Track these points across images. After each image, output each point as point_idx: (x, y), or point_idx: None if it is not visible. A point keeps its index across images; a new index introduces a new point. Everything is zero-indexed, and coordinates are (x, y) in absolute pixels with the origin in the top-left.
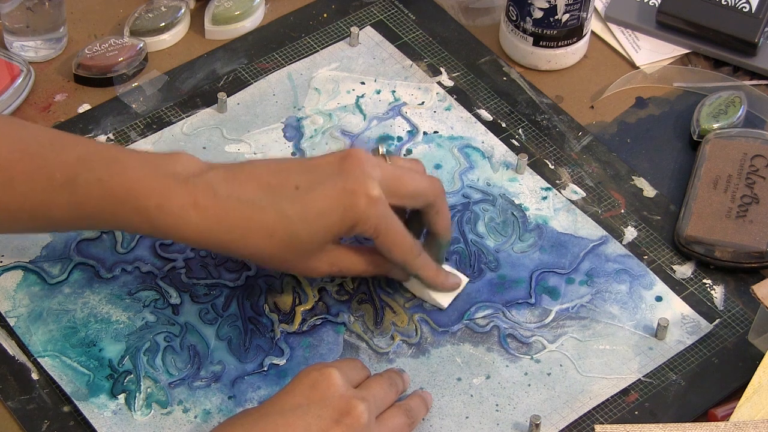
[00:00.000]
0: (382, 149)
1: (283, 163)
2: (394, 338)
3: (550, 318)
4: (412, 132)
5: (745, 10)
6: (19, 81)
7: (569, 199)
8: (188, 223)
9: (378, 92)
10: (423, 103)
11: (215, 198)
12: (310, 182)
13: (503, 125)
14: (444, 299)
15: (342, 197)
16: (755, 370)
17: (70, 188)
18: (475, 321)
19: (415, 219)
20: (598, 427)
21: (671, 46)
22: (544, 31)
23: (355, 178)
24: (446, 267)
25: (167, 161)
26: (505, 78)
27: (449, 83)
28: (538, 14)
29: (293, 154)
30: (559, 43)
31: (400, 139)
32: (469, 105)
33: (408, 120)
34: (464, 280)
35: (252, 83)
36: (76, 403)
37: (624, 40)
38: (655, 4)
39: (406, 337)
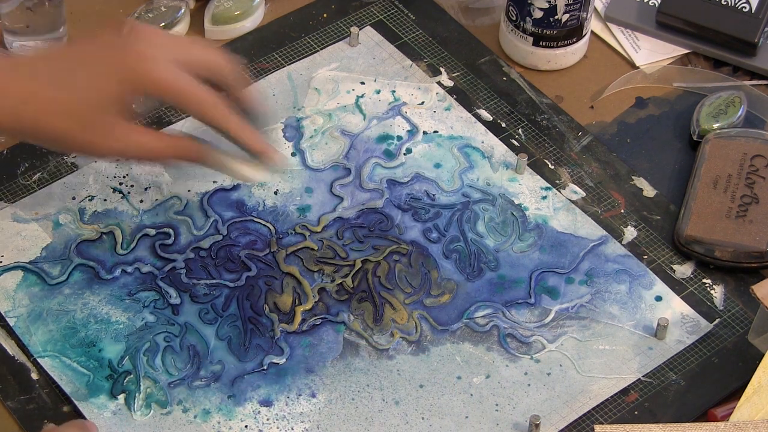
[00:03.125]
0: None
1: (69, 43)
2: (393, 335)
3: (550, 318)
4: (412, 132)
5: (745, 10)
6: None
7: (569, 199)
8: None
9: (378, 92)
10: (423, 103)
11: (12, 77)
12: (88, 52)
13: (503, 125)
14: (262, 175)
15: (116, 58)
16: (755, 370)
17: None
18: (475, 320)
19: None
20: (597, 427)
21: (671, 46)
22: (544, 31)
23: (132, 42)
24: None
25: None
26: (505, 78)
27: (449, 83)
28: (538, 14)
29: (293, 154)
30: (559, 43)
31: (399, 138)
32: (469, 105)
33: (408, 120)
34: (290, 159)
35: (252, 83)
36: (76, 403)
37: (624, 40)
38: (655, 4)
39: (406, 335)
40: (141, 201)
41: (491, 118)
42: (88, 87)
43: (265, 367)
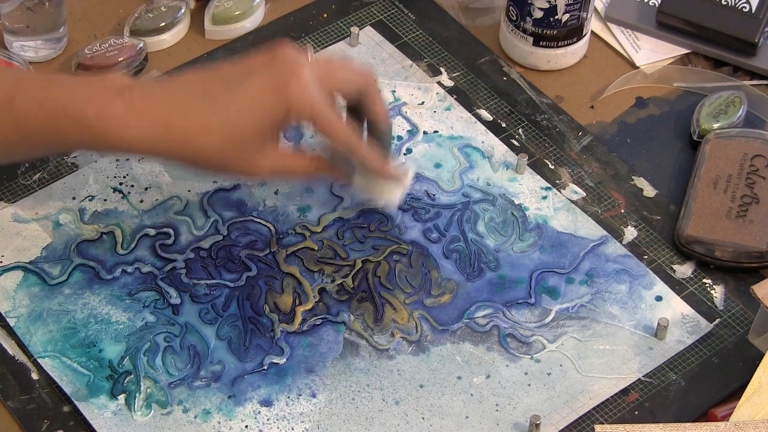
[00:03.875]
0: (309, 50)
1: (214, 67)
2: (394, 335)
3: (550, 318)
4: (412, 131)
5: (745, 10)
6: None
7: (569, 199)
8: (128, 129)
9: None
10: (423, 102)
11: (151, 101)
12: (242, 75)
13: (503, 125)
14: (393, 195)
15: (273, 83)
16: (755, 370)
17: (8, 110)
18: (475, 320)
19: (352, 118)
20: (598, 427)
21: (671, 46)
22: (544, 31)
23: (286, 65)
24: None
25: (101, 77)
26: (505, 78)
27: (449, 83)
28: (538, 14)
29: None
30: (559, 43)
31: (400, 138)
32: (469, 105)
33: (408, 119)
34: (411, 168)
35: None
36: (76, 403)
37: (624, 40)
38: (655, 4)
39: (406, 335)
40: (141, 201)
41: (491, 118)
42: (246, 109)
43: (265, 367)
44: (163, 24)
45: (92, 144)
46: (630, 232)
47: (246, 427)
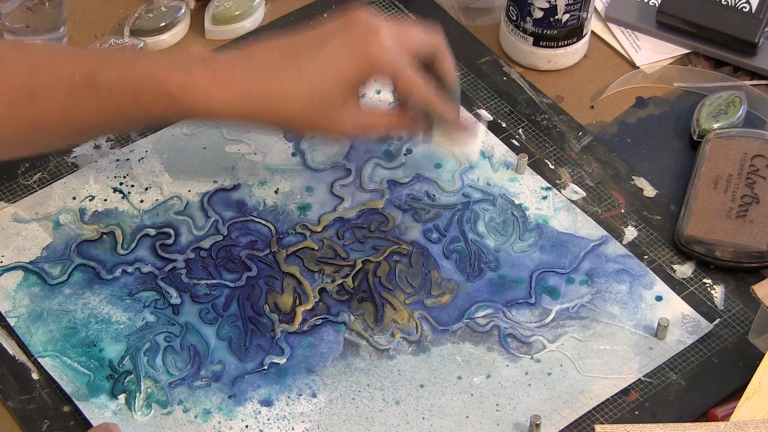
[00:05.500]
0: None
1: (291, 35)
2: (394, 335)
3: (550, 318)
4: None
5: (745, 10)
6: None
7: (569, 199)
8: (213, 99)
9: (378, 92)
10: None
11: (234, 71)
12: (322, 39)
13: (503, 125)
14: (470, 147)
15: (354, 46)
16: (755, 370)
17: (91, 88)
18: (475, 320)
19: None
20: (598, 427)
21: (671, 46)
22: (544, 31)
23: (364, 28)
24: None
25: (181, 50)
26: (505, 78)
27: None
28: (538, 14)
29: (293, 155)
30: (559, 43)
31: (400, 138)
32: (469, 105)
33: None
34: (482, 126)
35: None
36: (77, 403)
37: (624, 40)
38: (655, 4)
39: (407, 335)
40: (141, 201)
41: (491, 118)
42: (328, 72)
43: (265, 367)
44: (163, 24)
45: (177, 114)
46: (630, 232)
47: (246, 426)
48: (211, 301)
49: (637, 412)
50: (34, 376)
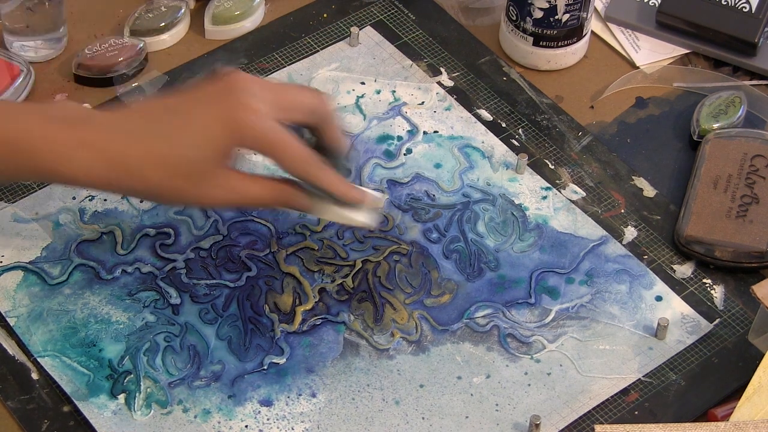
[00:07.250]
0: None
1: (165, 95)
2: (394, 335)
3: (550, 318)
4: (412, 132)
5: (745, 10)
6: (19, 81)
7: (569, 199)
8: (78, 163)
9: (378, 92)
10: (423, 103)
11: (98, 133)
12: (192, 104)
13: (503, 125)
14: (365, 217)
15: (223, 111)
16: (755, 370)
17: None
18: (475, 320)
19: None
20: (598, 427)
21: (671, 46)
22: (544, 31)
23: (235, 92)
24: (366, 189)
25: (53, 107)
26: (505, 78)
27: (449, 83)
28: (538, 14)
29: None
30: (559, 43)
31: (400, 138)
32: (469, 105)
33: (408, 120)
34: (380, 196)
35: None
36: (76, 403)
37: (624, 40)
38: (655, 4)
39: (406, 335)
40: (141, 201)
41: (491, 118)
42: (195, 139)
43: (265, 367)
44: (163, 24)
45: (45, 176)
46: (630, 232)
47: (246, 426)
48: (210, 301)
49: (636, 412)
50: (34, 376)
